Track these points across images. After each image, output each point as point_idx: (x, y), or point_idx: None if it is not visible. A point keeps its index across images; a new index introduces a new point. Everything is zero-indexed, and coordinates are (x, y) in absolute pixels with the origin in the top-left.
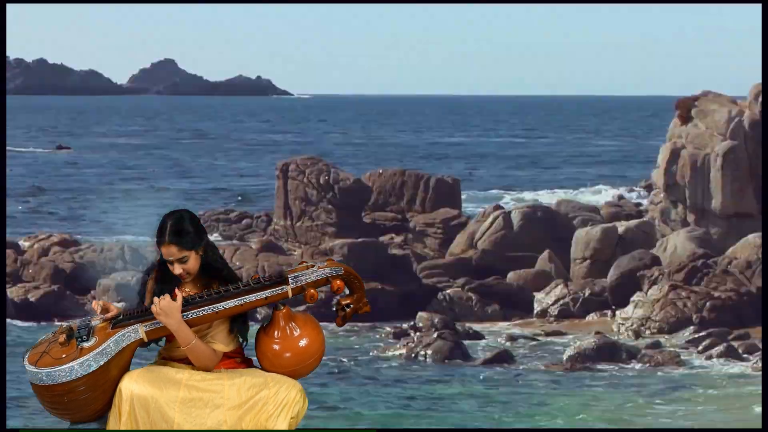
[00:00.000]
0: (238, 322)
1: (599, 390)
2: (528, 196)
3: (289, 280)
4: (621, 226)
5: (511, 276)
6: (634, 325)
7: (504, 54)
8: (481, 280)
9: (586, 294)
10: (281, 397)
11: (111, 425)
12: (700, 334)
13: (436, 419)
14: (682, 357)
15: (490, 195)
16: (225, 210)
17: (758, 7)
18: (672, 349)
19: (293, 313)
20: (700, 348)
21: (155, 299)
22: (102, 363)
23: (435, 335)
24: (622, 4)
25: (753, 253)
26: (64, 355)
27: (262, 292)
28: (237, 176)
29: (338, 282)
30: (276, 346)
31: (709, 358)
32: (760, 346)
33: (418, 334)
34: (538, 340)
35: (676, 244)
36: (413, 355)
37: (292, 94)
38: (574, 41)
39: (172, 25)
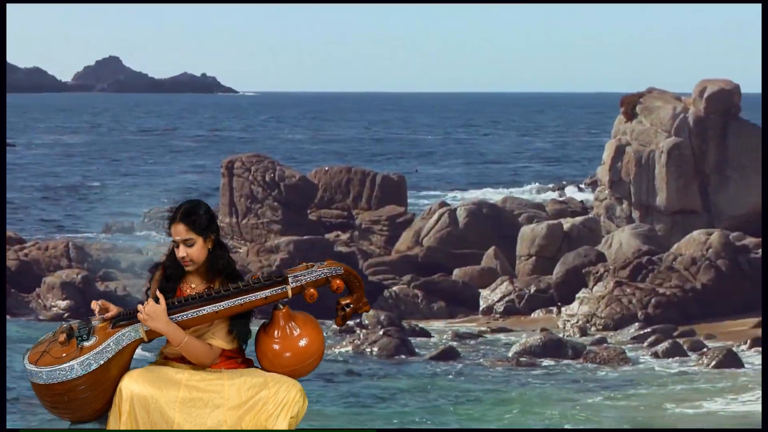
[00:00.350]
0: (238, 323)
1: (544, 386)
2: (474, 193)
3: (289, 279)
4: (566, 223)
5: (456, 273)
6: (580, 322)
7: (451, 51)
8: (426, 277)
9: (532, 291)
10: (281, 396)
11: (111, 425)
12: (646, 330)
13: (382, 416)
14: (627, 354)
15: (436, 192)
16: (170, 207)
17: (719, 7)
18: (617, 345)
19: (293, 312)
20: (645, 344)
21: (139, 306)
22: (102, 362)
23: (381, 332)
24: (574, 4)
25: (698, 249)
26: (64, 354)
27: (261, 292)
28: (182, 173)
29: (338, 282)
30: (276, 346)
31: (655, 354)
32: (705, 342)
33: (364, 331)
34: (484, 337)
35: (621, 240)
36: (359, 352)
37: (237, 92)
38: (521, 40)
39: (117, 23)
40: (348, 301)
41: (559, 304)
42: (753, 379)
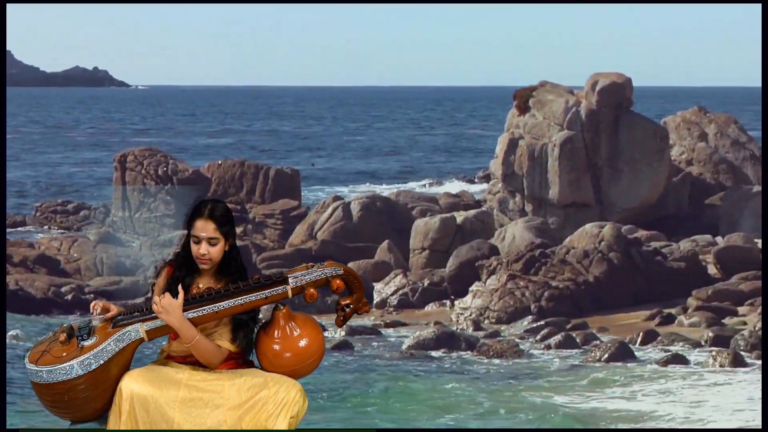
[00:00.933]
0: (242, 331)
1: (438, 379)
2: (368, 186)
3: (289, 280)
4: (459, 216)
5: (350, 266)
6: (473, 315)
7: (349, 46)
8: None
9: (425, 284)
10: (281, 396)
11: (111, 424)
12: (539, 323)
13: None
14: (520, 346)
15: (331, 186)
16: (62, 201)
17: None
18: (510, 338)
19: (293, 313)
20: (538, 337)
21: (156, 298)
22: (102, 362)
23: None
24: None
25: (590, 242)
26: (64, 354)
27: (261, 292)
28: (75, 167)
29: (338, 282)
30: (276, 346)
31: (548, 347)
32: (597, 335)
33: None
34: (379, 331)
35: (514, 233)
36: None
37: (130, 85)
38: (418, 35)
39: (9, 16)
40: (348, 301)
41: (452, 297)
42: (627, 379)
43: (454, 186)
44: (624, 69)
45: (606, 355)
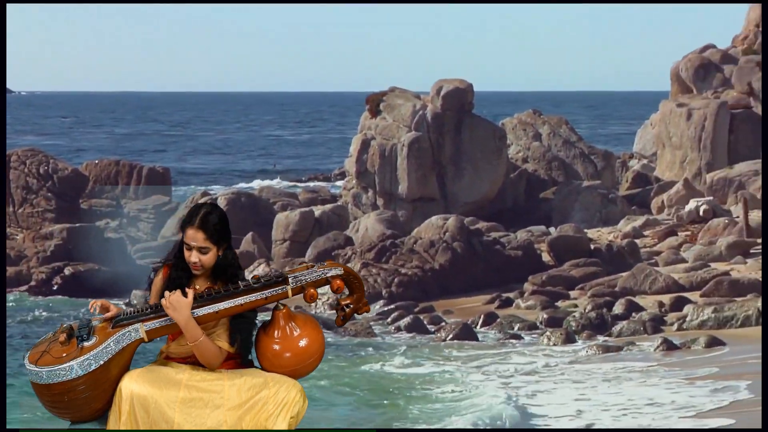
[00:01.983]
0: (239, 332)
1: None
2: (233, 183)
3: (289, 280)
4: (317, 210)
5: None
6: (330, 300)
7: (214, 53)
8: None
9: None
10: (281, 397)
11: (111, 425)
12: (390, 307)
13: None
14: (373, 328)
15: (198, 183)
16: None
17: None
18: (364, 320)
19: (293, 312)
20: (389, 320)
21: (166, 293)
22: (102, 362)
23: None
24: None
25: (436, 233)
26: (64, 354)
27: (262, 292)
28: None
29: (338, 282)
30: (276, 346)
31: (398, 329)
32: (443, 317)
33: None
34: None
35: (367, 225)
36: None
37: (12, 91)
38: (285, 43)
39: None
40: (348, 301)
41: None
42: (468, 357)
43: (312, 183)
44: (467, 75)
45: (450, 336)
